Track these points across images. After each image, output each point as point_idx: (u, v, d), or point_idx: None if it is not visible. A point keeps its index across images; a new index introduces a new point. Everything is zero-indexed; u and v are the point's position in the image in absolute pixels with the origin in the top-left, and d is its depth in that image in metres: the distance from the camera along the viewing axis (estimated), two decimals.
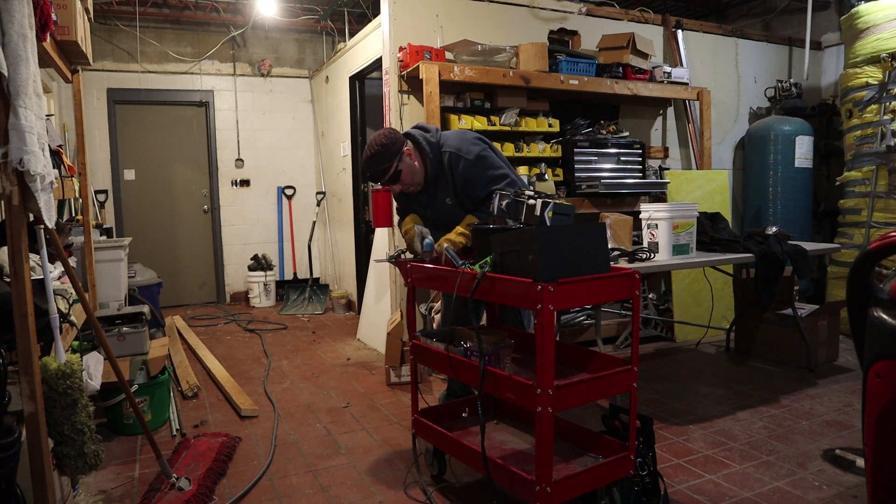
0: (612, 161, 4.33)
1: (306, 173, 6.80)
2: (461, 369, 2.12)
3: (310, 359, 4.27)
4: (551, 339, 1.75)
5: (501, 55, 3.90)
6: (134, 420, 2.89)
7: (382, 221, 3.93)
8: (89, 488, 2.39)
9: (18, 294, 1.65)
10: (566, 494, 1.87)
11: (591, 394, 1.97)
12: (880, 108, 4.38)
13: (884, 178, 4.39)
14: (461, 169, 2.57)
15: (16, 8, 1.58)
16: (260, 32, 6.50)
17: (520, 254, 1.84)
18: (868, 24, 4.42)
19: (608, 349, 4.16)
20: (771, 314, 3.89)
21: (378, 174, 2.56)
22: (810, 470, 2.45)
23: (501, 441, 2.32)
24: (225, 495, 2.32)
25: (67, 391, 1.87)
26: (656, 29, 4.87)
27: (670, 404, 3.21)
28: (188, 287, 6.56)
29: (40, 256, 1.98)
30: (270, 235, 6.72)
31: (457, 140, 2.63)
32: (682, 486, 2.34)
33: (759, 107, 5.47)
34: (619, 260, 3.14)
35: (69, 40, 2.53)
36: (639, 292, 1.99)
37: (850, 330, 1.58)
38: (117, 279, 4.16)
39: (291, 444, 2.79)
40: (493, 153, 2.63)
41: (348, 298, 5.88)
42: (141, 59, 6.05)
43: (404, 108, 3.90)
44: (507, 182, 2.53)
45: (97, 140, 5.99)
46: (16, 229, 1.65)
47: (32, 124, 1.63)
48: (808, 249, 3.54)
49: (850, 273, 1.53)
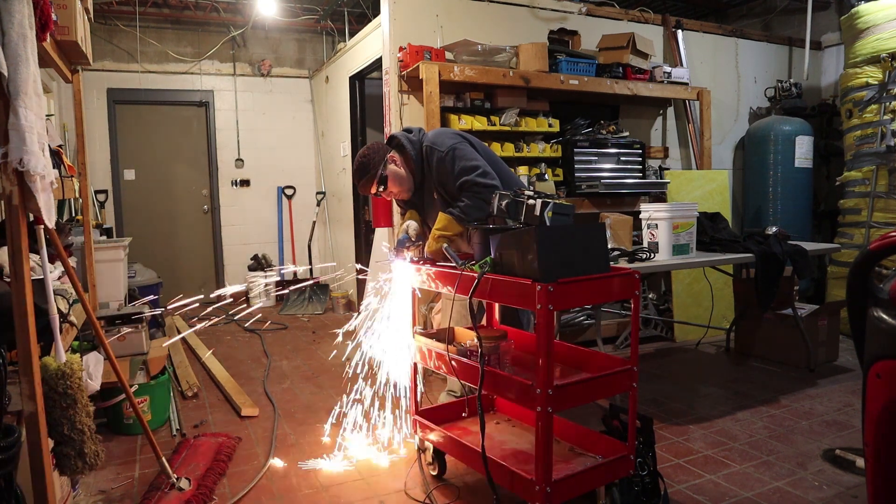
0: (612, 161, 4.33)
1: (306, 173, 6.80)
2: (461, 369, 2.12)
3: (310, 359, 4.27)
4: (551, 339, 1.75)
5: (501, 55, 3.90)
6: (134, 420, 2.89)
7: (382, 221, 3.93)
8: (89, 488, 2.39)
9: (18, 294, 1.65)
10: (566, 494, 1.87)
11: (591, 394, 1.97)
12: (880, 108, 4.38)
13: (884, 178, 4.39)
14: (435, 162, 2.59)
15: (16, 8, 1.58)
16: (260, 32, 6.50)
17: (519, 254, 1.84)
18: (868, 24, 4.42)
19: (608, 349, 4.16)
20: (771, 314, 3.89)
21: (366, 184, 2.67)
22: (810, 470, 2.45)
23: (501, 441, 2.32)
24: (225, 495, 2.32)
25: (67, 391, 1.87)
26: (656, 29, 4.87)
27: (670, 404, 3.21)
28: (188, 287, 6.55)
29: (40, 256, 1.98)
30: (270, 235, 6.72)
31: (434, 135, 2.67)
32: (682, 486, 2.34)
33: (759, 107, 5.47)
34: (619, 260, 3.14)
35: (69, 40, 2.53)
36: (638, 292, 1.99)
37: (850, 330, 1.58)
38: (117, 279, 4.15)
39: (291, 445, 2.79)
40: (468, 147, 2.62)
41: (348, 298, 5.87)
42: (141, 59, 6.05)
43: (404, 108, 3.90)
44: (479, 173, 2.51)
45: (97, 140, 5.99)
46: (16, 229, 1.64)
47: (32, 124, 1.63)
48: (808, 249, 3.54)
49: (850, 273, 1.53)
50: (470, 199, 2.50)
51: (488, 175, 2.52)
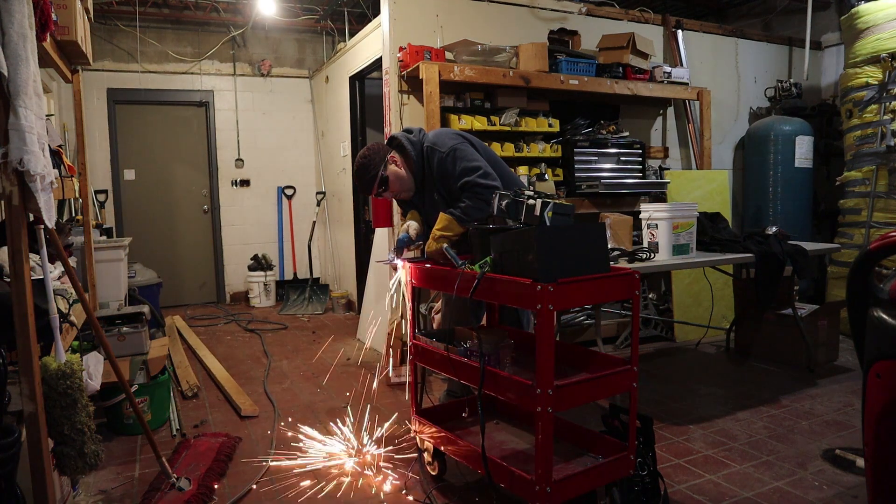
0: (612, 161, 4.33)
1: (306, 173, 6.80)
2: (461, 369, 2.12)
3: (310, 359, 4.27)
4: (551, 339, 1.75)
5: (501, 55, 3.90)
6: (134, 420, 2.89)
7: (382, 221, 3.93)
8: (89, 488, 2.39)
9: (18, 294, 1.65)
10: (566, 494, 1.87)
11: (591, 394, 1.97)
12: (880, 108, 4.38)
13: (884, 178, 4.39)
14: (436, 163, 2.59)
15: (16, 8, 1.58)
16: (260, 32, 6.50)
17: (519, 254, 1.84)
18: (868, 24, 4.42)
19: (608, 349, 4.16)
20: (771, 314, 3.89)
21: (367, 184, 2.66)
22: (810, 470, 2.45)
23: (501, 441, 2.32)
24: (225, 495, 2.32)
25: (67, 391, 1.87)
26: (656, 29, 4.87)
27: (670, 404, 3.21)
28: (188, 287, 6.56)
29: (40, 256, 1.98)
30: (270, 235, 6.72)
31: (435, 136, 2.67)
32: (682, 486, 2.34)
33: (759, 107, 5.47)
34: (619, 260, 3.14)
35: (69, 40, 2.53)
36: (639, 292, 1.99)
37: (850, 330, 1.58)
38: (117, 279, 4.16)
39: (291, 445, 2.79)
40: (469, 147, 2.62)
41: (348, 298, 5.88)
42: (141, 59, 6.05)
43: (404, 108, 3.90)
44: (480, 174, 2.51)
45: (97, 140, 5.99)
46: (16, 229, 1.65)
47: (32, 124, 1.63)
48: (808, 249, 3.54)
49: (850, 273, 1.53)
50: (471, 200, 2.50)
51: (489, 176, 2.52)
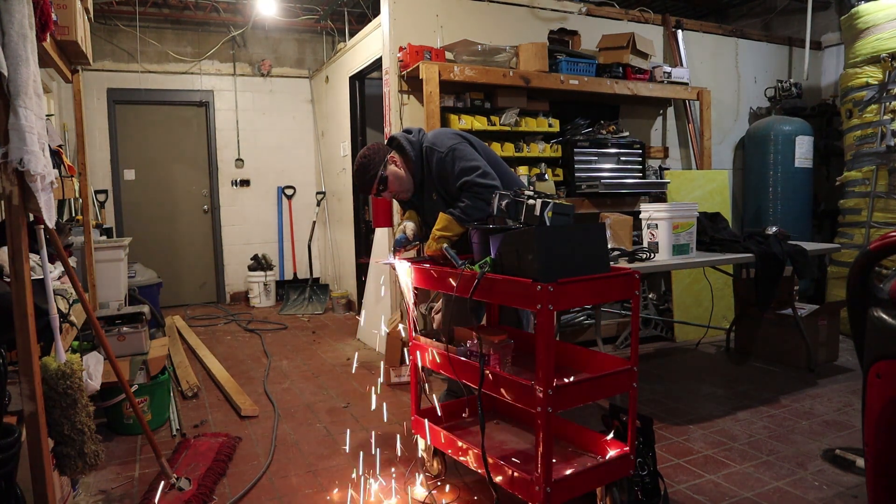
0: (612, 161, 4.33)
1: (306, 173, 6.80)
2: (461, 369, 2.12)
3: (310, 359, 4.27)
4: (551, 339, 1.75)
5: (501, 55, 3.90)
6: (134, 420, 2.89)
7: (382, 221, 3.93)
8: (89, 488, 2.39)
9: (18, 294, 1.65)
10: (566, 494, 1.87)
11: (591, 394, 1.97)
12: (880, 108, 4.38)
13: (884, 178, 4.39)
14: (435, 163, 2.59)
15: (16, 8, 1.58)
16: (260, 32, 6.50)
17: (519, 254, 1.84)
18: (868, 24, 4.42)
19: (608, 349, 4.16)
20: (771, 314, 3.89)
21: (366, 184, 2.67)
22: (810, 470, 2.45)
23: (501, 441, 2.32)
24: (225, 495, 2.32)
25: (67, 391, 1.87)
26: (656, 29, 4.87)
27: (670, 404, 3.21)
28: (188, 287, 6.56)
29: (40, 256, 1.98)
30: (270, 235, 6.72)
31: (434, 136, 2.67)
32: (682, 486, 2.34)
33: (759, 107, 5.47)
34: (619, 260, 3.14)
35: (69, 40, 2.53)
36: (638, 292, 1.99)
37: (850, 330, 1.58)
38: (117, 279, 4.16)
39: (291, 445, 2.79)
40: (468, 147, 2.62)
41: (348, 298, 5.87)
42: (141, 59, 6.05)
43: (404, 108, 3.90)
44: (479, 173, 2.51)
45: (97, 140, 5.99)
46: (16, 229, 1.65)
47: (32, 124, 1.63)
48: (808, 249, 3.54)
49: (850, 273, 1.53)
50: (470, 200, 2.50)
51: (488, 175, 2.52)
